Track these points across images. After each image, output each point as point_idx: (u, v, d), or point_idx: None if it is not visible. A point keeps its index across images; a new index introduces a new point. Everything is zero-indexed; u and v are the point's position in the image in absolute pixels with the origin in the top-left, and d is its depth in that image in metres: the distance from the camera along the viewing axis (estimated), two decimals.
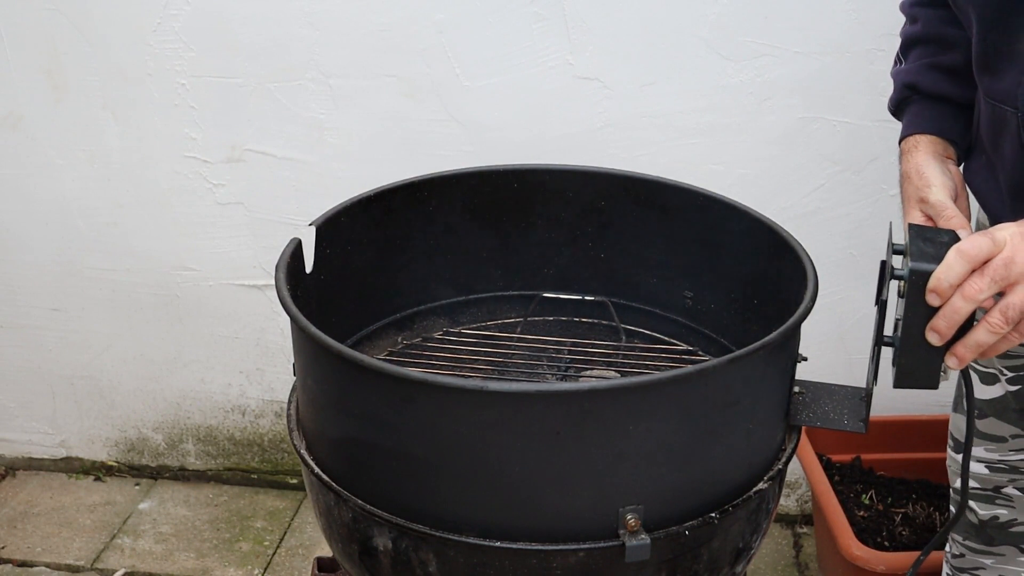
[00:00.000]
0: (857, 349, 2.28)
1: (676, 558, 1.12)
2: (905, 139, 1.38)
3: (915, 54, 1.41)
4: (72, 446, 2.67)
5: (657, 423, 1.05)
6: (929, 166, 1.30)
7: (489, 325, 1.54)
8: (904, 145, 1.38)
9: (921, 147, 1.35)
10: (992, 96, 1.24)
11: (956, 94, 1.36)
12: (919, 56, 1.40)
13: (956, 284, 1.02)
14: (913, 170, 1.31)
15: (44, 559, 2.39)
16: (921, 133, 1.37)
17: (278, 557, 2.39)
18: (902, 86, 1.41)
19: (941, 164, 1.32)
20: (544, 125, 2.15)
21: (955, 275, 1.02)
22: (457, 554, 1.10)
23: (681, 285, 1.50)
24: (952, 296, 1.02)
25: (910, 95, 1.40)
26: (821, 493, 2.08)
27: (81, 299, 2.48)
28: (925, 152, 1.34)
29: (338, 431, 1.16)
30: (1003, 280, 1.01)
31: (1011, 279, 1.01)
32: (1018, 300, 1.01)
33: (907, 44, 1.43)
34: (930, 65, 1.39)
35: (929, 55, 1.39)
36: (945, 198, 1.24)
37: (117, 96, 2.24)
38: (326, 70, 2.16)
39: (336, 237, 1.36)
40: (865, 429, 1.22)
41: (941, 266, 1.02)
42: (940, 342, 1.05)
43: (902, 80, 1.41)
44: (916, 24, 1.41)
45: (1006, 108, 1.21)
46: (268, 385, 2.52)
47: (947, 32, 1.37)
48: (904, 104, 1.41)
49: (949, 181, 1.28)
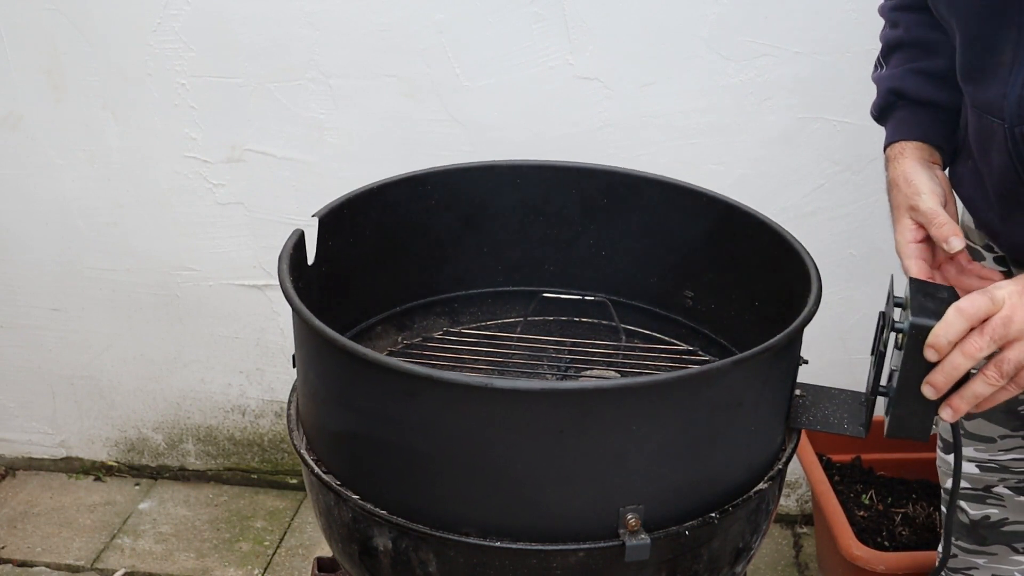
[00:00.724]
0: (857, 349, 2.27)
1: (676, 558, 1.12)
2: (890, 145, 1.37)
3: (897, 59, 1.40)
4: (72, 446, 2.67)
5: (660, 423, 1.05)
6: (917, 173, 1.30)
7: (489, 325, 1.54)
8: (890, 152, 1.37)
9: (907, 153, 1.34)
10: (978, 106, 1.24)
11: (941, 99, 1.35)
12: (902, 61, 1.39)
13: (954, 341, 1.06)
14: (901, 177, 1.31)
15: (44, 559, 2.39)
16: (907, 139, 1.35)
17: (278, 557, 2.39)
18: (887, 91, 1.39)
19: (928, 170, 1.31)
20: (544, 125, 2.15)
21: (954, 332, 1.06)
22: (457, 554, 1.10)
23: (681, 285, 1.50)
24: (951, 353, 1.07)
25: (895, 100, 1.38)
26: (821, 493, 2.08)
27: (81, 299, 2.48)
28: (912, 159, 1.33)
29: (339, 425, 1.16)
30: (1002, 339, 1.06)
31: (1009, 337, 1.06)
32: (1014, 356, 1.06)
33: (889, 48, 1.42)
34: (914, 70, 1.37)
35: (913, 60, 1.38)
36: (936, 205, 1.25)
37: (117, 96, 2.24)
38: (326, 70, 2.16)
39: (338, 229, 1.36)
40: (865, 434, 1.22)
41: (940, 323, 1.06)
42: (936, 396, 1.09)
43: (887, 85, 1.39)
44: (898, 28, 1.39)
45: (992, 119, 1.21)
46: (268, 385, 2.52)
47: (931, 37, 1.35)
48: (889, 110, 1.40)
49: (938, 187, 1.28)
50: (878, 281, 1.42)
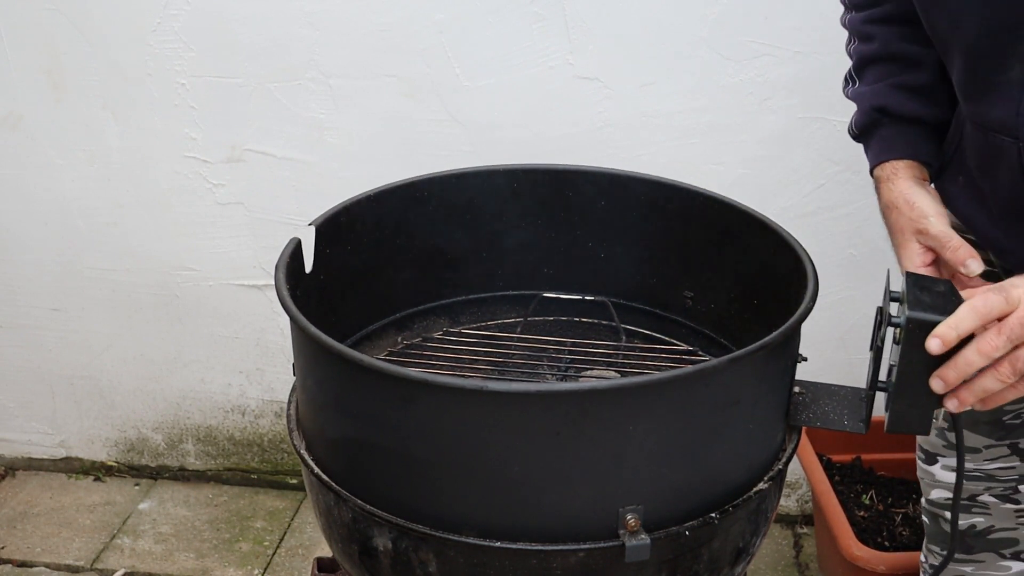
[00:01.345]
0: (857, 349, 2.27)
1: (676, 558, 1.12)
2: (880, 166, 1.34)
3: (874, 74, 1.36)
4: (72, 446, 2.67)
5: (657, 423, 1.05)
6: (917, 194, 1.27)
7: (489, 325, 1.54)
8: (880, 172, 1.33)
9: (900, 173, 1.31)
10: (983, 124, 1.21)
11: (927, 115, 1.32)
12: (880, 76, 1.35)
13: (963, 335, 1.05)
14: (900, 200, 1.28)
15: (44, 559, 2.39)
16: (897, 158, 1.32)
17: (278, 557, 2.39)
18: (870, 109, 1.35)
19: (925, 190, 1.29)
20: (544, 125, 2.15)
21: (964, 327, 1.04)
22: (457, 554, 1.10)
23: (681, 285, 1.50)
24: (966, 349, 1.05)
25: (879, 118, 1.34)
26: (821, 493, 2.08)
27: (81, 299, 2.48)
28: (906, 178, 1.30)
29: (338, 431, 1.16)
30: (1018, 339, 1.04)
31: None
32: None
33: (862, 63, 1.37)
34: (896, 85, 1.33)
35: (893, 75, 1.33)
36: (947, 227, 1.22)
37: (117, 96, 2.24)
38: (326, 70, 2.16)
39: (336, 237, 1.36)
40: (865, 429, 1.22)
41: (952, 317, 1.05)
42: (945, 390, 1.08)
43: (868, 103, 1.35)
44: (872, 42, 1.35)
45: (1002, 137, 1.18)
46: (268, 385, 2.52)
47: (910, 50, 1.32)
48: (872, 127, 1.36)
49: (941, 208, 1.25)
50: (878, 281, 1.41)
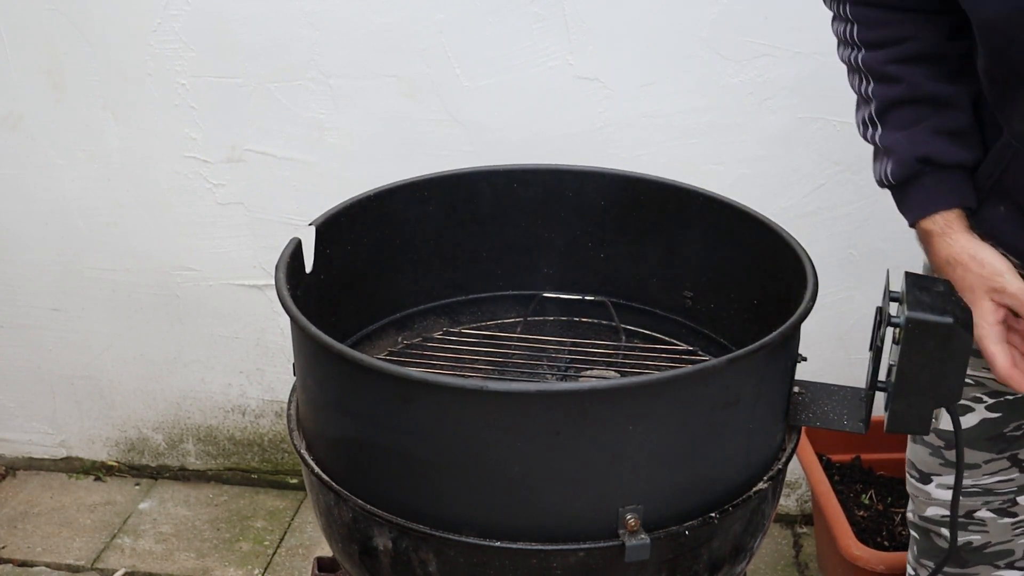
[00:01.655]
0: (857, 349, 2.27)
1: (676, 558, 1.12)
2: (930, 218, 1.27)
3: (902, 118, 1.28)
4: (72, 446, 2.67)
5: (657, 423, 1.05)
6: (983, 250, 1.23)
7: (489, 325, 1.54)
8: (930, 226, 1.27)
9: (955, 226, 1.26)
10: None
11: (969, 159, 1.27)
12: (911, 120, 1.28)
13: None
14: (966, 256, 1.23)
15: (44, 559, 2.39)
16: (948, 209, 1.26)
17: (278, 557, 2.39)
18: (913, 160, 1.27)
19: (986, 244, 1.24)
20: (544, 125, 2.15)
21: None
22: (457, 554, 1.10)
23: (681, 285, 1.50)
24: None
25: (923, 168, 1.27)
26: (821, 493, 2.08)
27: (81, 299, 2.48)
28: (962, 231, 1.25)
29: (338, 431, 1.16)
30: None
31: None
32: None
33: (886, 106, 1.29)
34: (936, 131, 1.26)
35: (925, 118, 1.27)
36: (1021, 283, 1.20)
37: (117, 96, 2.24)
38: (326, 70, 2.16)
39: (336, 237, 1.36)
40: (865, 429, 1.22)
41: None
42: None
43: (911, 153, 1.27)
44: (899, 84, 1.28)
45: None
46: (268, 385, 2.52)
47: (943, 91, 1.26)
48: (914, 178, 1.28)
49: (1008, 263, 1.22)
50: (878, 281, 1.41)
